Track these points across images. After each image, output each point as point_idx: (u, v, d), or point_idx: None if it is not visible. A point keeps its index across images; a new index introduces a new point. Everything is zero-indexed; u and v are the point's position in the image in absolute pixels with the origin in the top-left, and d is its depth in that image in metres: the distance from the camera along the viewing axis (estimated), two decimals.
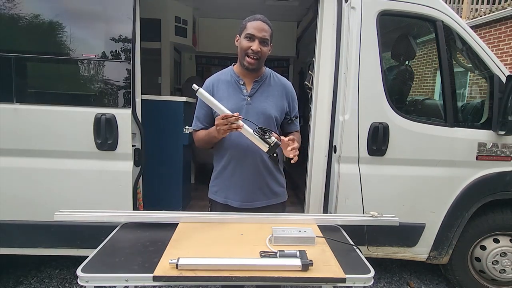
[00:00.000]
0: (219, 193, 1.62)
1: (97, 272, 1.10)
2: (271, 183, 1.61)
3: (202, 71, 5.45)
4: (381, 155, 2.11)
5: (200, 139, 1.60)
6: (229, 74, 1.60)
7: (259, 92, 1.57)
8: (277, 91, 1.60)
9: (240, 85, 1.56)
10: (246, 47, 1.48)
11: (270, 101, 1.56)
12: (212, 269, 1.08)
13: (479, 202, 2.19)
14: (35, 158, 2.01)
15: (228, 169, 1.57)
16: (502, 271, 2.26)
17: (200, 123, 1.61)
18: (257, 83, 1.57)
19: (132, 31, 1.97)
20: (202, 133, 1.58)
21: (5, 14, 1.93)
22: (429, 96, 7.17)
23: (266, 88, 1.59)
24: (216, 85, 1.58)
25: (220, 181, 1.62)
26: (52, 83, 2.07)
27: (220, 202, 1.62)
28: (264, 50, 1.49)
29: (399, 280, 2.63)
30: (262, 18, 1.50)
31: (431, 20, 2.12)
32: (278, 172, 1.66)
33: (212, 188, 1.67)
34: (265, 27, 1.48)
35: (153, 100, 2.73)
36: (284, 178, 1.70)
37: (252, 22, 1.49)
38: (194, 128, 1.64)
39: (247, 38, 1.48)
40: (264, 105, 1.54)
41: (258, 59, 1.49)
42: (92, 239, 1.52)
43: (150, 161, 2.40)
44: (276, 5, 3.76)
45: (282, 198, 1.67)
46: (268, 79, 1.61)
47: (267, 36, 1.49)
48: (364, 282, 1.12)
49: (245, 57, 1.49)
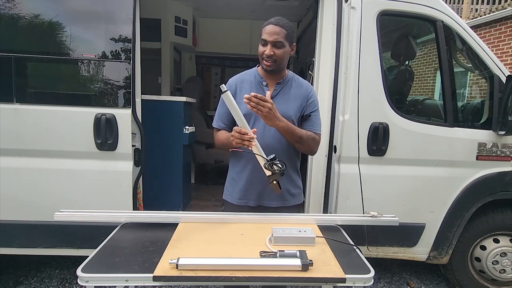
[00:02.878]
0: (234, 195, 1.63)
1: (97, 272, 1.10)
2: (288, 183, 1.61)
3: (202, 71, 5.44)
4: (381, 155, 2.11)
5: (219, 141, 1.61)
6: (253, 75, 1.63)
7: (281, 94, 1.59)
8: (299, 93, 1.61)
9: (263, 86, 1.58)
10: (261, 52, 1.53)
11: (291, 103, 1.58)
12: (212, 269, 1.08)
13: (479, 202, 2.20)
14: (35, 158, 2.01)
15: (245, 171, 1.58)
16: (502, 271, 2.26)
17: (221, 122, 1.62)
18: (279, 85, 1.59)
19: (132, 31, 1.97)
20: (222, 135, 1.59)
21: (5, 14, 1.93)
22: (429, 96, 7.17)
23: (288, 90, 1.60)
24: (239, 85, 1.60)
25: (237, 183, 1.63)
26: (52, 83, 2.07)
27: (236, 204, 1.62)
28: (278, 52, 1.50)
29: (399, 280, 2.63)
30: (274, 21, 1.51)
31: (431, 20, 2.12)
32: (295, 172, 1.66)
33: (227, 189, 1.67)
34: (276, 29, 1.49)
35: (153, 100, 2.73)
36: (301, 179, 1.71)
37: (265, 27, 1.52)
38: (215, 126, 1.65)
39: (262, 43, 1.53)
40: (285, 107, 1.55)
41: (274, 61, 1.51)
42: (92, 239, 1.52)
43: (150, 161, 2.40)
44: (276, 5, 3.76)
45: (298, 200, 1.68)
46: (290, 82, 1.62)
47: (279, 38, 1.49)
48: (364, 282, 1.12)
49: (262, 60, 1.54)
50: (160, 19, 4.00)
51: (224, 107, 1.58)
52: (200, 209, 2.97)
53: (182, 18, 4.14)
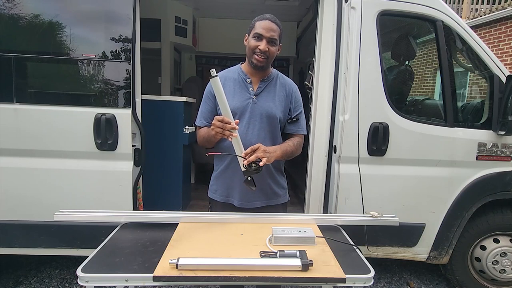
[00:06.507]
0: (219, 192, 1.62)
1: (97, 272, 1.10)
2: (272, 184, 1.61)
3: (202, 71, 5.44)
4: (381, 155, 2.11)
5: (201, 137, 1.59)
6: (236, 72, 1.60)
7: (265, 92, 1.57)
8: (283, 92, 1.60)
9: (247, 83, 1.56)
10: (254, 46, 1.48)
11: (275, 101, 1.57)
12: (212, 269, 1.08)
13: (479, 202, 2.19)
14: (35, 158, 2.01)
15: (229, 169, 1.57)
16: (502, 271, 2.26)
17: (204, 120, 1.60)
18: (264, 83, 1.57)
19: (132, 31, 1.97)
20: (204, 130, 1.57)
21: (5, 14, 1.93)
22: (429, 96, 7.17)
23: (273, 88, 1.59)
24: (222, 82, 1.55)
25: (221, 180, 1.62)
26: (52, 83, 2.07)
27: (220, 201, 1.62)
28: (272, 49, 1.49)
29: (399, 280, 2.63)
30: (271, 17, 1.49)
31: (431, 20, 2.12)
32: (280, 173, 1.66)
33: (212, 187, 1.67)
34: (273, 26, 1.47)
35: (153, 100, 2.73)
36: (286, 179, 1.71)
37: (261, 22, 1.48)
38: (197, 124, 1.63)
39: (255, 37, 1.48)
40: (269, 105, 1.54)
41: (266, 58, 1.49)
42: (92, 239, 1.52)
43: (150, 161, 2.40)
44: (276, 5, 3.76)
45: (283, 199, 1.67)
46: (275, 80, 1.61)
47: (275, 36, 1.48)
48: (364, 282, 1.12)
49: (253, 55, 1.49)
50: (160, 19, 4.00)
51: (207, 104, 1.58)
52: (200, 209, 2.97)
53: (182, 18, 4.15)
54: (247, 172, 1.39)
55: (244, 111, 1.52)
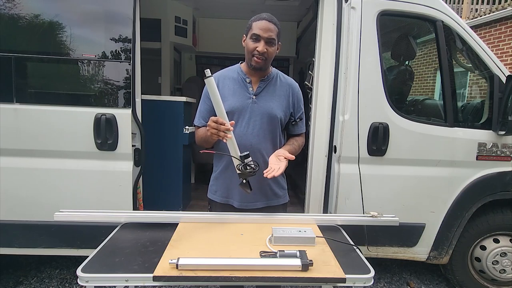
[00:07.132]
0: (219, 193, 1.62)
1: (97, 272, 1.10)
2: (272, 184, 1.60)
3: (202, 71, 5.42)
4: (381, 155, 2.11)
5: (199, 137, 1.59)
6: (236, 72, 1.58)
7: (265, 91, 1.55)
8: (283, 91, 1.58)
9: (247, 83, 1.54)
10: (252, 48, 1.45)
11: (275, 101, 1.55)
12: (212, 269, 1.08)
13: (479, 202, 2.19)
14: (35, 158, 2.01)
15: (229, 170, 1.56)
16: (502, 271, 2.26)
17: (202, 119, 1.58)
18: (264, 82, 1.56)
19: (132, 31, 1.97)
20: (202, 130, 1.56)
21: (5, 14, 1.93)
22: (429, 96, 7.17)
23: (272, 87, 1.57)
24: (222, 81, 1.55)
25: (220, 181, 1.62)
26: (52, 83, 2.07)
27: (220, 202, 1.61)
28: (271, 50, 1.46)
29: (399, 280, 2.63)
30: (268, 17, 1.46)
31: (431, 20, 2.12)
32: (280, 174, 1.65)
33: (211, 188, 1.66)
34: (271, 26, 1.44)
35: (153, 100, 2.73)
36: (286, 180, 1.70)
37: (257, 22, 1.45)
38: (195, 123, 1.62)
39: (253, 39, 1.45)
40: (269, 105, 1.53)
41: (265, 59, 1.46)
42: (92, 239, 1.52)
43: (150, 161, 2.40)
44: (276, 5, 3.76)
45: (283, 200, 1.67)
46: (275, 79, 1.59)
47: (273, 36, 1.45)
48: (364, 282, 1.12)
49: (252, 57, 1.47)
50: (160, 19, 4.00)
51: (205, 103, 1.57)
52: (200, 209, 2.97)
53: (182, 18, 4.15)
54: (242, 174, 1.38)
55: (243, 111, 1.51)
